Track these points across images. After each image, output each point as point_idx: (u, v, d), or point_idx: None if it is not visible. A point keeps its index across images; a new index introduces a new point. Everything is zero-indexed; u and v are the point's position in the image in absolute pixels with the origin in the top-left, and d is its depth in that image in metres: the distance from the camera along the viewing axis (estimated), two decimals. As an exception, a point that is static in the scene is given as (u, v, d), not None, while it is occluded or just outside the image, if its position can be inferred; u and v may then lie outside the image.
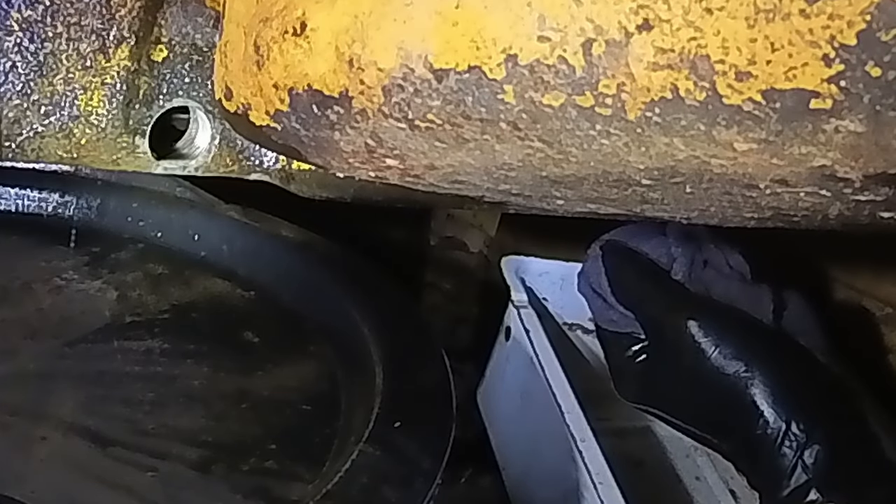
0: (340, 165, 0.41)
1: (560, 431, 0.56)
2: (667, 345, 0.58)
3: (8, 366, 0.48)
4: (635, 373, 0.62)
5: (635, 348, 0.62)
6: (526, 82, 0.31)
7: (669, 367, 0.59)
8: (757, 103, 0.28)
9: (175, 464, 0.43)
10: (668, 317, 0.58)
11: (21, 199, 0.63)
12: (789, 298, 0.60)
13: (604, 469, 0.53)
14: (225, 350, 0.53)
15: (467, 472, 0.69)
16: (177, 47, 0.52)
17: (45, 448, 0.43)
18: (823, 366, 0.56)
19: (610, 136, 0.32)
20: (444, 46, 0.32)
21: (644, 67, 0.29)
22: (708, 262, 0.61)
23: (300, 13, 0.36)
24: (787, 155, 0.30)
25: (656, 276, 0.61)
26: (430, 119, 0.34)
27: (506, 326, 0.68)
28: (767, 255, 0.63)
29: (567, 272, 0.71)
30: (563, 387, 0.59)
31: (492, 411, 0.70)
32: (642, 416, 0.78)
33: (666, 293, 0.60)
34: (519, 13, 0.31)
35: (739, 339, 0.56)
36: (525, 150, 0.35)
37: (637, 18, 0.29)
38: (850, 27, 0.26)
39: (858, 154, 0.29)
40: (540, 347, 0.63)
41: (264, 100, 0.40)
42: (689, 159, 0.32)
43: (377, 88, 0.34)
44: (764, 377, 0.54)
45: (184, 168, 0.56)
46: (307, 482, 0.42)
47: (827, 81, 0.27)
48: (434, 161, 0.38)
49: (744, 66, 0.28)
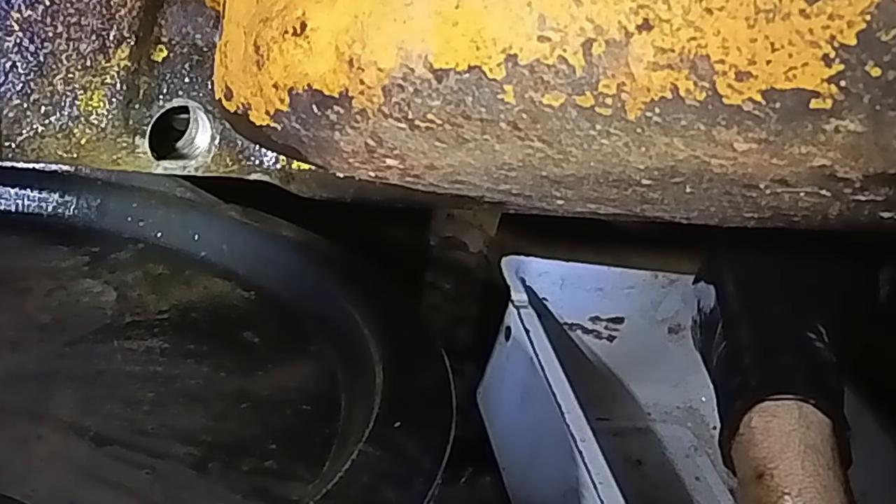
0: (340, 165, 0.41)
1: (560, 431, 0.56)
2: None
3: (8, 366, 0.48)
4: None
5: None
6: (526, 82, 0.31)
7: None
8: (757, 103, 0.28)
9: (175, 463, 0.43)
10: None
11: (21, 199, 0.63)
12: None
13: (603, 469, 0.53)
14: (225, 350, 0.53)
15: (467, 472, 0.69)
16: (177, 47, 0.52)
17: (45, 448, 0.43)
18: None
19: (610, 136, 0.32)
20: (444, 46, 0.32)
21: (644, 67, 0.29)
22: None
23: (300, 13, 0.36)
24: (787, 155, 0.30)
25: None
26: (430, 119, 0.34)
27: (506, 326, 0.68)
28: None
29: (567, 272, 0.71)
30: (563, 387, 0.59)
31: (492, 411, 0.70)
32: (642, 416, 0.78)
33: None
34: (519, 13, 0.31)
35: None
36: (525, 150, 0.35)
37: (637, 18, 0.29)
38: (850, 27, 0.26)
39: (858, 154, 0.29)
40: (540, 347, 0.63)
41: (264, 100, 0.40)
42: (689, 159, 0.32)
43: (377, 88, 0.34)
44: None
45: (184, 168, 0.56)
46: (307, 482, 0.42)
47: (827, 81, 0.27)
48: (434, 161, 0.38)
49: (744, 66, 0.28)
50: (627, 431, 0.75)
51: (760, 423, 0.48)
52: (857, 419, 0.55)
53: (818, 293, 0.55)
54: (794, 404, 0.48)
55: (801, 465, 0.46)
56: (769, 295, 0.55)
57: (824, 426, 0.47)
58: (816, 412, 0.47)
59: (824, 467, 0.46)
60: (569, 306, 0.73)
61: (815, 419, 0.47)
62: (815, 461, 0.46)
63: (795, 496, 0.45)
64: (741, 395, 0.50)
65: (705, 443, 0.76)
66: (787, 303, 0.54)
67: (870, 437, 0.62)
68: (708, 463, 0.74)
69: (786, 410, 0.48)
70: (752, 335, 0.53)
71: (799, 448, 0.46)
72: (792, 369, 0.50)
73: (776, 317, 0.54)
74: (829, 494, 0.45)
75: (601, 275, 0.73)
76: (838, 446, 0.47)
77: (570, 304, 0.72)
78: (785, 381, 0.49)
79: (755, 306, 0.55)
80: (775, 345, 0.52)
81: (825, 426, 0.47)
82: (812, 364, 0.50)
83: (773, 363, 0.50)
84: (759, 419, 0.48)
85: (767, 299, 0.55)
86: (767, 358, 0.51)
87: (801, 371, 0.49)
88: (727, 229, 0.44)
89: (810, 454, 0.46)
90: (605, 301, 0.73)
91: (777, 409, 0.48)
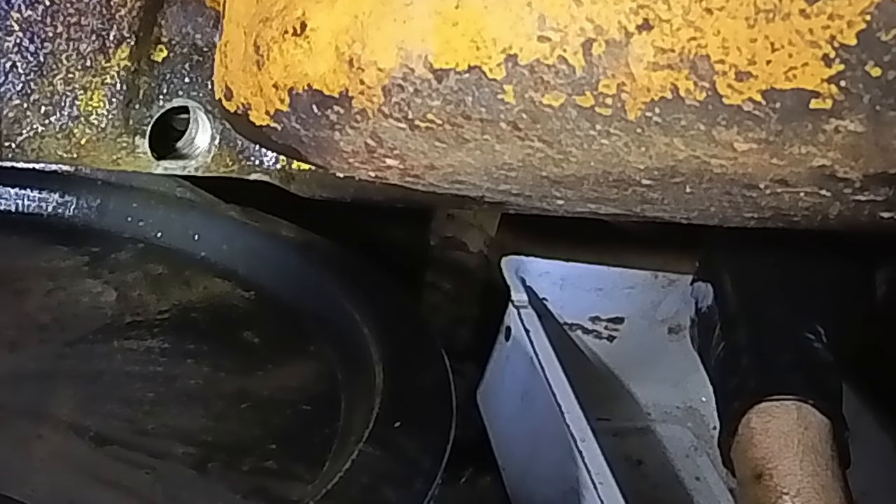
0: (340, 165, 0.41)
1: (560, 431, 0.56)
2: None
3: (8, 366, 0.48)
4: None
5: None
6: (526, 82, 0.31)
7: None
8: (757, 103, 0.28)
9: (174, 463, 0.43)
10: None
11: (21, 199, 0.63)
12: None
13: (603, 469, 0.53)
14: (225, 350, 0.53)
15: (467, 472, 0.69)
16: (177, 47, 0.52)
17: (45, 447, 0.43)
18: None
19: (610, 136, 0.32)
20: (444, 46, 0.32)
21: (644, 67, 0.29)
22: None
23: (300, 13, 0.36)
24: (787, 155, 0.30)
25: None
26: (430, 119, 0.34)
27: (506, 326, 0.68)
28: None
29: (567, 272, 0.71)
30: (563, 387, 0.59)
31: (492, 411, 0.70)
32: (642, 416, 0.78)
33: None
34: (519, 13, 0.31)
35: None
36: (525, 150, 0.35)
37: (637, 18, 0.29)
38: (850, 27, 0.26)
39: (858, 154, 0.29)
40: (540, 347, 0.63)
41: (264, 100, 0.40)
42: (689, 159, 0.32)
43: (377, 88, 0.34)
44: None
45: (184, 168, 0.56)
46: (307, 482, 0.42)
47: (827, 81, 0.27)
48: (434, 161, 0.38)
49: (744, 66, 0.28)
50: (627, 431, 0.76)
51: (759, 423, 0.48)
52: (856, 419, 0.55)
53: (816, 293, 0.55)
54: (792, 405, 0.48)
55: (800, 466, 0.46)
56: (767, 295, 0.55)
57: (823, 426, 0.47)
58: (815, 412, 0.47)
59: (823, 467, 0.46)
60: (569, 306, 0.73)
61: (813, 419, 0.47)
62: (814, 461, 0.46)
63: (794, 496, 0.45)
64: (740, 395, 0.50)
65: (705, 443, 0.76)
66: (785, 303, 0.54)
67: (869, 437, 0.62)
68: (708, 463, 0.74)
69: (784, 411, 0.48)
70: (750, 336, 0.53)
71: (798, 448, 0.46)
72: (790, 370, 0.50)
73: (774, 317, 0.54)
74: (827, 494, 0.45)
75: (601, 275, 0.73)
76: (837, 446, 0.47)
77: (570, 304, 0.72)
78: (783, 382, 0.49)
79: (753, 306, 0.55)
80: (773, 345, 0.52)
81: (824, 426, 0.47)
82: (810, 364, 0.50)
83: (772, 364, 0.50)
84: (758, 419, 0.48)
85: (766, 299, 0.55)
86: (766, 358, 0.51)
87: (799, 371, 0.49)
88: (726, 229, 0.44)
89: (809, 454, 0.46)
90: (605, 301, 0.73)
91: (776, 409, 0.48)
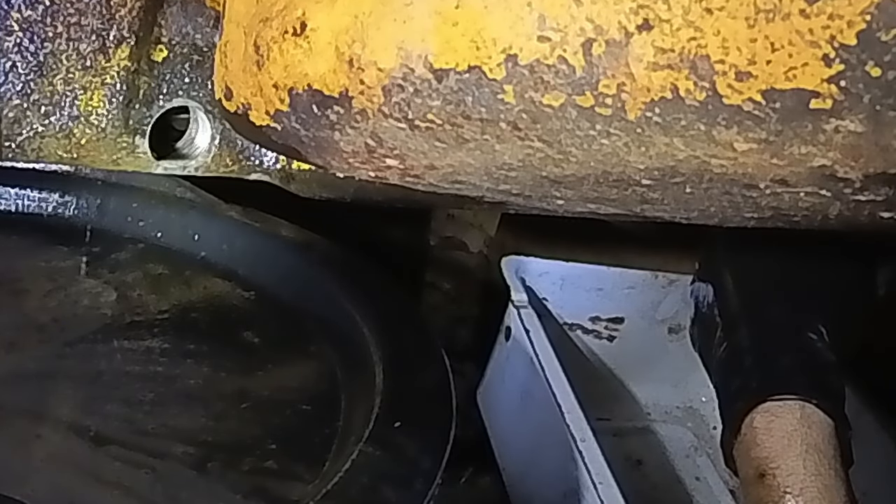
0: (340, 165, 0.41)
1: (560, 431, 0.56)
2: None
3: (8, 366, 0.48)
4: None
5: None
6: (526, 82, 0.31)
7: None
8: (757, 103, 0.28)
9: (174, 463, 0.43)
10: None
11: (21, 199, 0.63)
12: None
13: (603, 469, 0.53)
14: (225, 350, 0.53)
15: (467, 472, 0.69)
16: (177, 47, 0.52)
17: (45, 447, 0.43)
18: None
19: (610, 136, 0.32)
20: (444, 46, 0.32)
21: (644, 67, 0.29)
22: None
23: (300, 13, 0.36)
24: (787, 155, 0.30)
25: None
26: (430, 119, 0.34)
27: (506, 326, 0.68)
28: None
29: (567, 272, 0.71)
30: (563, 387, 0.59)
31: (492, 411, 0.70)
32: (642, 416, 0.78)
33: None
34: (519, 13, 0.31)
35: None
36: (525, 150, 0.35)
37: (637, 18, 0.29)
38: (850, 27, 0.26)
39: (858, 154, 0.29)
40: (540, 347, 0.63)
41: (264, 100, 0.40)
42: (689, 159, 0.32)
43: (377, 88, 0.34)
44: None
45: (184, 168, 0.56)
46: (307, 482, 0.42)
47: (827, 81, 0.27)
48: (434, 161, 0.38)
49: (744, 66, 0.28)
50: (627, 431, 0.76)
51: (762, 423, 0.48)
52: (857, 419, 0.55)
53: (817, 293, 0.55)
54: (795, 404, 0.48)
55: (803, 465, 0.46)
56: (768, 295, 0.55)
57: (826, 426, 0.47)
58: (818, 412, 0.47)
59: (826, 467, 0.46)
60: (569, 306, 0.73)
61: (816, 419, 0.47)
62: (817, 461, 0.46)
63: (797, 496, 0.45)
64: (742, 395, 0.50)
65: (705, 443, 0.76)
66: (786, 303, 0.54)
67: (870, 437, 0.62)
68: (708, 463, 0.74)
69: (787, 411, 0.48)
70: (752, 336, 0.53)
71: (801, 448, 0.46)
72: (793, 370, 0.50)
73: (776, 317, 0.54)
74: (830, 494, 0.45)
75: (601, 275, 0.73)
76: (840, 446, 0.47)
77: (570, 304, 0.72)
78: (786, 382, 0.49)
79: (755, 306, 0.55)
80: (776, 345, 0.52)
81: (827, 426, 0.47)
82: (813, 364, 0.50)
83: (774, 364, 0.50)
84: (761, 419, 0.48)
85: (767, 299, 0.55)
86: (768, 359, 0.51)
87: (802, 371, 0.49)
88: (726, 229, 0.44)
89: (812, 454, 0.46)
90: (605, 301, 0.73)
91: (778, 409, 0.48)
